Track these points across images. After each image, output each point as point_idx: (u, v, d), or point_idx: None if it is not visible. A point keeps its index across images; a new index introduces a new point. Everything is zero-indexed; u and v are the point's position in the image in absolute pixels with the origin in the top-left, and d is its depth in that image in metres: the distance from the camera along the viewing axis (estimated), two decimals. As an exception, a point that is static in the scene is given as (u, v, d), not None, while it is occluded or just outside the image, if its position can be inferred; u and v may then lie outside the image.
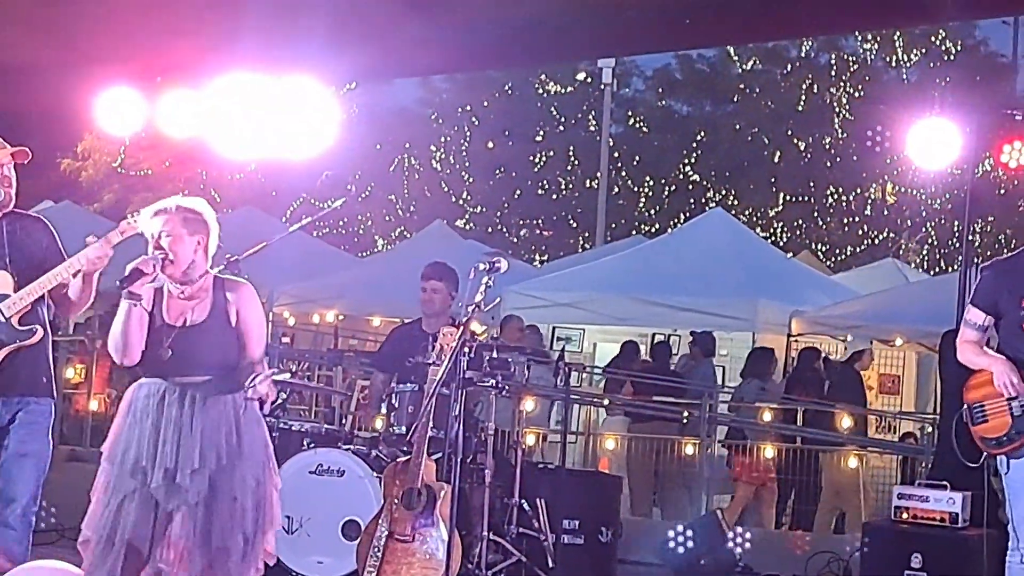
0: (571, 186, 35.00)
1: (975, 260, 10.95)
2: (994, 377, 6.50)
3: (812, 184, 33.15)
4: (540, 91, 35.82)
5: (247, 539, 5.82)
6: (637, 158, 34.67)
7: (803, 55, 34.63)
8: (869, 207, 33.04)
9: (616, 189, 33.65)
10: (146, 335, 5.81)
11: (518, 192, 34.96)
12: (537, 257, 33.71)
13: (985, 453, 6.78)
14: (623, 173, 34.42)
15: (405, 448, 8.05)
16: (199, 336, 5.84)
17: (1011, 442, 6.52)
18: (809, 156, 33.39)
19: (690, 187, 34.42)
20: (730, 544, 10.24)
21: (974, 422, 6.65)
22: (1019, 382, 6.43)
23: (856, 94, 33.26)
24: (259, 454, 5.93)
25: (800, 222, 33.60)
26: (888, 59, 34.19)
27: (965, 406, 6.68)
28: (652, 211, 34.67)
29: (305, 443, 8.74)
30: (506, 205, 35.18)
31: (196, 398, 5.76)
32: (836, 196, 33.16)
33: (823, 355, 15.89)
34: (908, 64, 34.08)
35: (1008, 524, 6.74)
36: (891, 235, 33.03)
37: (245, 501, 5.82)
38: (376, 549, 7.33)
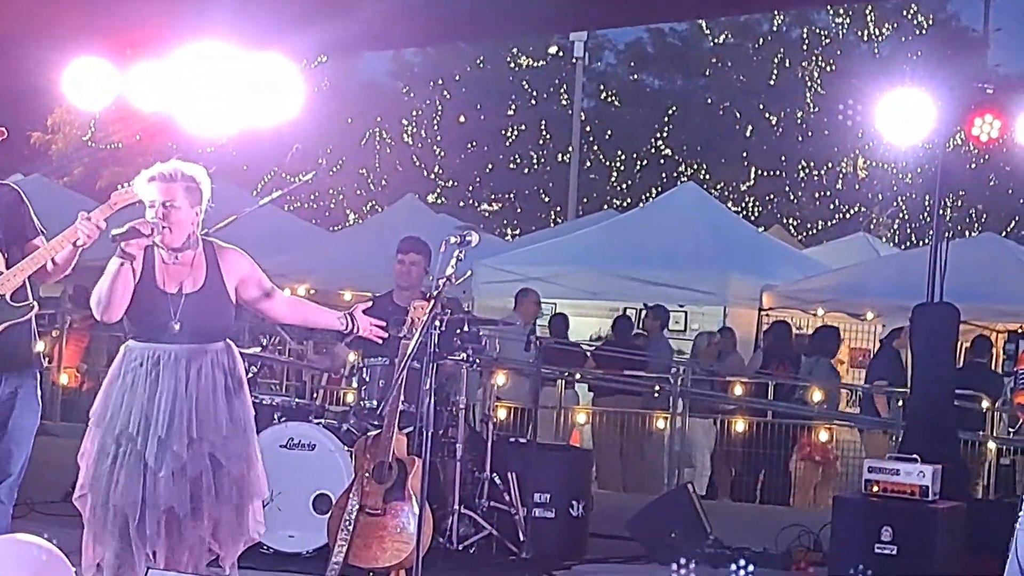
0: (543, 160, 34.90)
1: (946, 234, 10.95)
2: None
3: (784, 158, 33.14)
4: (512, 65, 35.67)
5: (238, 509, 5.81)
6: (609, 132, 34.59)
7: (775, 29, 34.59)
8: (840, 181, 33.08)
9: (588, 163, 33.58)
10: (140, 301, 5.72)
11: (490, 166, 34.85)
12: (509, 231, 33.63)
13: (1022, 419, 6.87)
14: (595, 147, 34.33)
15: (376, 422, 8.04)
16: (198, 304, 5.78)
17: None
18: (781, 130, 33.38)
19: (662, 161, 34.38)
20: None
21: (1015, 386, 6.70)
22: None
23: (828, 68, 33.23)
24: (249, 425, 5.90)
25: (772, 196, 33.62)
26: (860, 33, 34.20)
27: (1016, 371, 6.75)
28: (624, 185, 34.62)
29: (276, 417, 8.74)
30: (478, 179, 35.08)
31: (191, 365, 5.71)
32: (808, 170, 33.18)
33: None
34: (880, 38, 34.09)
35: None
36: (862, 209, 33.09)
37: (237, 471, 5.80)
38: (347, 523, 7.32)
